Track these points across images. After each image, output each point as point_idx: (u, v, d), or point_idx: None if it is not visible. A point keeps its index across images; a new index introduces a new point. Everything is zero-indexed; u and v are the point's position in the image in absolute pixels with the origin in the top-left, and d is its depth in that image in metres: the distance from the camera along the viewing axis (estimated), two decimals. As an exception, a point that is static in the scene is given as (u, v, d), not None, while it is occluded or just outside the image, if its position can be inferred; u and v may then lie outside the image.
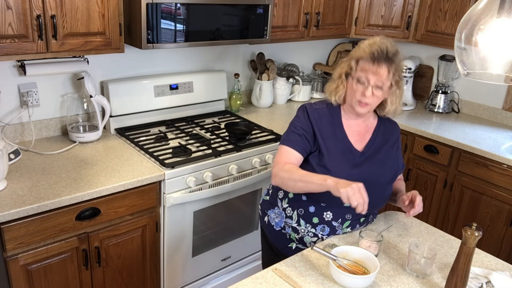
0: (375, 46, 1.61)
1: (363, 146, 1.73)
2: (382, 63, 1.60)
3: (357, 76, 1.65)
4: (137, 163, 2.14)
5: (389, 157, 1.76)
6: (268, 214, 1.86)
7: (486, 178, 2.65)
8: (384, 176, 1.72)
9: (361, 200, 1.44)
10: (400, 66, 1.67)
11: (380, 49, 1.60)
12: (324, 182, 1.51)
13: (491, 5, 1.22)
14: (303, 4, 2.83)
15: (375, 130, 1.77)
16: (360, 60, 1.64)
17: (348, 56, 1.73)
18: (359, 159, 1.70)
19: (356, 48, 1.70)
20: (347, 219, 1.71)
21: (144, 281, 2.27)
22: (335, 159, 1.67)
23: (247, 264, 2.77)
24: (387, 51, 1.61)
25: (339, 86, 1.72)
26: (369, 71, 1.61)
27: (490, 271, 1.53)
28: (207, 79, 2.81)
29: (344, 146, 1.70)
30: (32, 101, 2.26)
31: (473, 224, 1.30)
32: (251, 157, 2.44)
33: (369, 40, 1.67)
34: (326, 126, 1.71)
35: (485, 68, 1.27)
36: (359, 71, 1.64)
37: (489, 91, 3.16)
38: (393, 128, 1.83)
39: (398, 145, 1.82)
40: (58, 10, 1.90)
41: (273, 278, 1.44)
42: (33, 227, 1.78)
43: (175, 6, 2.15)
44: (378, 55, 1.60)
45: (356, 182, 1.46)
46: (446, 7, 2.94)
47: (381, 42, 1.63)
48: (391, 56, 1.61)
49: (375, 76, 1.61)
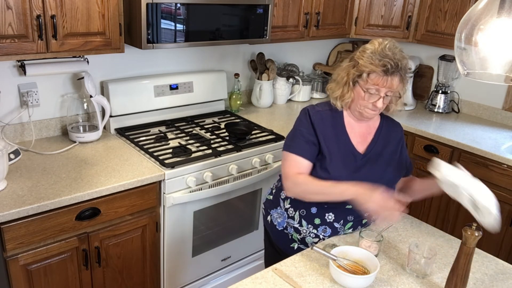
0: (386, 58, 1.54)
1: (365, 147, 1.72)
2: (394, 75, 1.56)
3: (367, 87, 1.60)
4: (137, 163, 2.14)
5: (393, 158, 1.74)
6: (271, 213, 1.87)
7: (486, 178, 2.64)
8: (387, 178, 1.71)
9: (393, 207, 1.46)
10: (408, 68, 1.63)
11: (393, 62, 1.54)
12: (345, 195, 1.54)
13: (491, 5, 1.22)
14: (303, 4, 2.83)
15: (377, 131, 1.76)
16: (372, 74, 1.58)
17: (353, 59, 1.65)
18: (361, 162, 1.69)
19: (362, 53, 1.61)
20: (349, 220, 1.71)
21: (144, 281, 2.27)
22: (336, 163, 1.66)
23: (247, 264, 2.77)
24: (399, 63, 1.55)
25: (345, 94, 1.66)
26: (381, 84, 1.57)
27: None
28: (207, 79, 2.81)
29: (346, 148, 1.69)
30: (32, 101, 2.26)
31: (473, 224, 1.30)
32: (251, 157, 2.44)
33: (375, 46, 1.59)
34: (328, 128, 1.69)
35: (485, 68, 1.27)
36: (370, 84, 1.58)
37: (489, 91, 3.16)
38: (396, 128, 1.80)
39: (403, 145, 1.80)
40: (58, 10, 1.90)
41: (273, 278, 1.44)
42: (33, 227, 1.78)
43: (175, 6, 2.15)
44: (391, 68, 1.55)
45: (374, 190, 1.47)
46: (446, 7, 2.94)
47: (392, 52, 1.56)
48: (402, 66, 1.57)
49: (387, 88, 1.58)
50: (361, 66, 1.60)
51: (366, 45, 1.64)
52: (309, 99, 3.44)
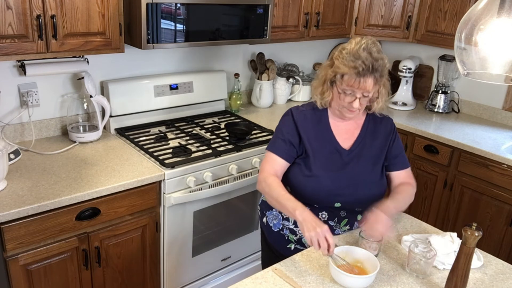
0: (359, 60, 1.53)
1: (351, 143, 1.71)
2: (367, 77, 1.55)
3: (342, 88, 1.60)
4: (137, 163, 2.14)
5: (382, 152, 1.72)
6: (266, 215, 1.87)
7: (486, 178, 2.65)
8: (376, 173, 1.70)
9: (325, 245, 1.42)
10: (385, 68, 1.60)
11: (365, 64, 1.53)
12: (294, 213, 1.52)
13: (491, 5, 1.22)
14: (303, 4, 2.83)
15: (363, 126, 1.74)
16: (345, 75, 1.57)
17: (332, 59, 1.64)
18: (347, 158, 1.68)
19: (340, 53, 1.59)
20: (342, 216, 1.72)
21: (144, 281, 2.27)
22: (321, 162, 1.66)
23: (247, 264, 2.77)
24: (372, 65, 1.53)
25: (325, 92, 1.67)
26: (354, 86, 1.56)
27: (431, 235, 1.62)
28: (207, 79, 2.81)
29: (331, 146, 1.69)
30: (32, 101, 2.26)
31: (473, 224, 1.30)
32: (251, 157, 2.44)
33: (351, 46, 1.57)
34: (312, 127, 1.70)
35: (485, 68, 1.27)
36: (345, 85, 1.58)
37: (489, 91, 3.16)
38: (385, 122, 1.77)
39: (394, 138, 1.76)
40: (58, 10, 1.90)
41: (273, 278, 1.44)
42: (33, 227, 1.78)
43: (175, 6, 2.15)
44: (363, 70, 1.53)
45: (321, 224, 1.45)
46: (446, 7, 2.94)
47: (367, 52, 1.54)
48: (377, 67, 1.55)
49: (361, 89, 1.57)
50: (336, 67, 1.59)
51: (345, 44, 1.62)
52: (309, 99, 3.44)
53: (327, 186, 1.64)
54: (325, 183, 1.64)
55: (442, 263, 1.55)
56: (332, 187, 1.65)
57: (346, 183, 1.66)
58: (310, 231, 1.44)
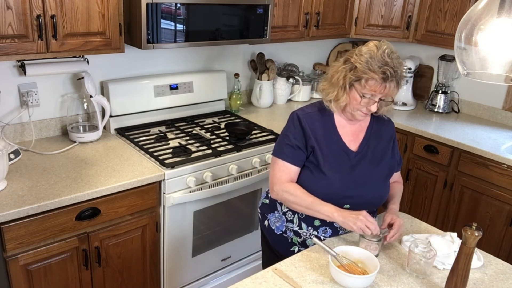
0: (386, 66, 1.53)
1: (358, 145, 1.72)
2: (391, 82, 1.57)
3: (363, 92, 1.58)
4: (137, 163, 2.14)
5: (386, 153, 1.75)
6: (268, 218, 1.86)
7: (486, 178, 2.65)
8: (381, 174, 1.72)
9: (373, 225, 1.54)
10: (403, 74, 1.62)
11: (393, 69, 1.54)
12: (332, 216, 1.60)
13: (491, 5, 1.22)
14: (303, 4, 2.83)
15: (369, 128, 1.76)
16: (370, 80, 1.56)
17: (349, 61, 1.61)
18: (355, 160, 1.69)
19: (360, 57, 1.57)
20: None
21: (144, 281, 2.27)
22: (330, 164, 1.66)
23: (247, 264, 2.77)
24: (398, 70, 1.56)
25: (340, 97, 1.63)
26: (378, 90, 1.57)
27: (431, 235, 1.65)
28: (207, 79, 2.81)
29: (339, 148, 1.69)
30: (32, 101, 2.26)
31: (473, 224, 1.30)
32: (251, 157, 2.44)
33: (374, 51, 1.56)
34: (319, 129, 1.69)
35: (485, 68, 1.27)
36: (367, 89, 1.57)
37: (489, 91, 3.16)
38: (387, 124, 1.80)
39: (394, 141, 1.81)
40: (58, 10, 1.90)
41: (273, 278, 1.44)
42: (33, 227, 1.78)
43: (175, 6, 2.15)
44: (391, 75, 1.54)
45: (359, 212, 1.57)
46: (446, 7, 2.94)
47: (390, 58, 1.55)
48: (400, 73, 1.57)
49: (383, 93, 1.58)
50: (359, 71, 1.57)
51: (362, 47, 1.60)
52: (309, 99, 3.44)
53: (338, 188, 1.65)
54: (336, 185, 1.65)
55: (442, 263, 1.55)
56: (342, 189, 1.65)
57: (355, 185, 1.67)
58: (356, 223, 1.54)
